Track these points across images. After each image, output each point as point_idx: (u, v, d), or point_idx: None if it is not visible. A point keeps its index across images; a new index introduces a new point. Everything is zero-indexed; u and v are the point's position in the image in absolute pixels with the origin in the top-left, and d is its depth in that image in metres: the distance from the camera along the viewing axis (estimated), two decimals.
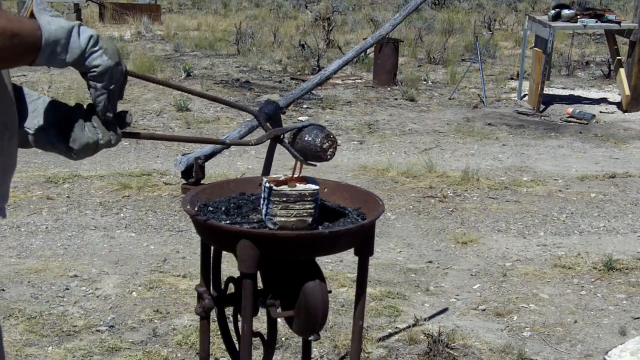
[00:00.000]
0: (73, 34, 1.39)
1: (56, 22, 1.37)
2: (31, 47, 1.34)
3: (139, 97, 9.09)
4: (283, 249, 2.01)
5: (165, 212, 5.35)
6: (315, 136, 2.05)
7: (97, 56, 1.42)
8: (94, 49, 1.42)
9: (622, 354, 2.57)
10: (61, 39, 1.37)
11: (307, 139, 2.06)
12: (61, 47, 1.38)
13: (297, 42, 12.84)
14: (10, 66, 1.40)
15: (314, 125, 2.09)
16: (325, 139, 2.05)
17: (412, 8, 3.24)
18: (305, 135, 2.07)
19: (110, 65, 1.44)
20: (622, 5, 20.09)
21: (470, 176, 6.26)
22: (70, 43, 1.38)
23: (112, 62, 1.44)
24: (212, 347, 3.21)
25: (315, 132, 2.06)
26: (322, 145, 2.04)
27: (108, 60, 1.43)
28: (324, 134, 2.06)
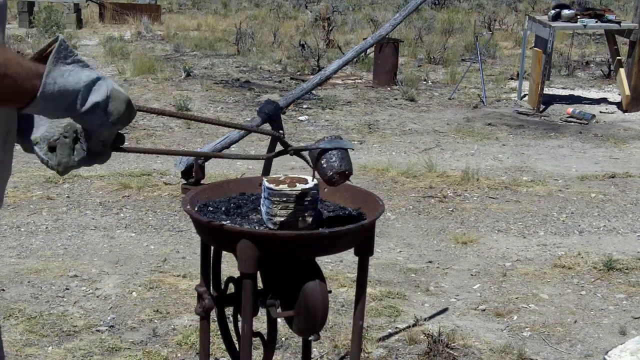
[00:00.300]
0: (79, 97, 1.30)
1: (62, 83, 1.28)
2: (21, 94, 1.25)
3: (139, 97, 9.10)
4: (283, 249, 2.01)
5: (165, 212, 5.35)
6: (330, 168, 2.04)
7: (99, 122, 1.36)
8: (97, 115, 1.34)
9: (622, 354, 2.57)
10: (62, 101, 1.29)
11: (323, 165, 2.05)
12: (61, 108, 1.30)
13: (297, 42, 12.84)
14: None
15: (337, 151, 2.07)
16: (337, 175, 2.06)
17: (412, 8, 3.24)
18: (323, 160, 2.05)
19: (110, 130, 1.39)
20: (622, 5, 20.09)
21: (470, 176, 6.26)
22: (76, 105, 1.31)
23: (113, 128, 1.39)
24: (212, 347, 3.21)
25: (331, 163, 2.05)
26: (331, 179, 2.05)
27: (111, 126, 1.38)
28: (338, 170, 2.06)
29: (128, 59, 11.14)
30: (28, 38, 12.90)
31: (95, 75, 1.33)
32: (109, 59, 11.48)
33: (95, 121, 1.36)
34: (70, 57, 1.29)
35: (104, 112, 1.35)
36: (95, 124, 1.37)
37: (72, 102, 1.30)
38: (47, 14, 13.95)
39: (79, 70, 1.30)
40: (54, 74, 1.26)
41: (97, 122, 1.36)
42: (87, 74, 1.31)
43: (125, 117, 1.40)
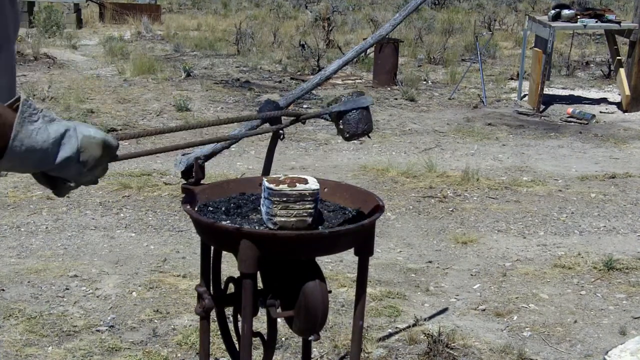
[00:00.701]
0: (49, 154, 1.28)
1: (30, 143, 1.24)
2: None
3: (139, 97, 9.10)
4: (283, 249, 2.01)
5: (165, 212, 5.35)
6: (348, 130, 2.09)
7: (74, 173, 1.34)
8: (69, 167, 1.32)
9: (622, 354, 2.57)
10: (31, 159, 1.26)
11: (341, 127, 2.10)
12: (30, 165, 1.27)
13: (297, 42, 12.83)
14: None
15: (356, 111, 2.08)
16: (356, 137, 2.11)
17: (412, 8, 3.24)
18: (341, 122, 2.09)
19: (88, 178, 1.38)
20: (622, 5, 20.09)
21: (470, 176, 6.26)
22: (46, 161, 1.29)
23: (90, 176, 1.38)
24: (212, 347, 3.21)
25: (349, 126, 2.09)
26: (350, 140, 2.12)
27: (86, 173, 1.36)
28: (356, 132, 2.09)
29: (128, 59, 11.14)
30: (28, 38, 12.89)
31: (63, 128, 1.30)
32: (108, 59, 11.48)
33: (71, 173, 1.34)
34: (35, 115, 1.26)
35: (78, 162, 1.33)
36: (71, 175, 1.35)
37: (42, 159, 1.28)
38: (47, 14, 13.95)
39: (47, 127, 1.27)
40: (21, 136, 1.24)
41: (73, 173, 1.34)
42: (55, 129, 1.28)
43: (106, 158, 1.38)
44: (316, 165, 6.69)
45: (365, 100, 2.10)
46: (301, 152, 7.11)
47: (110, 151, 1.41)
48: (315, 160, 6.84)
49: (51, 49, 11.84)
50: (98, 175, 1.42)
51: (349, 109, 2.07)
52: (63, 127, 1.30)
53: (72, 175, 1.35)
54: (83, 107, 8.36)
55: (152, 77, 10.15)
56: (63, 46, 12.47)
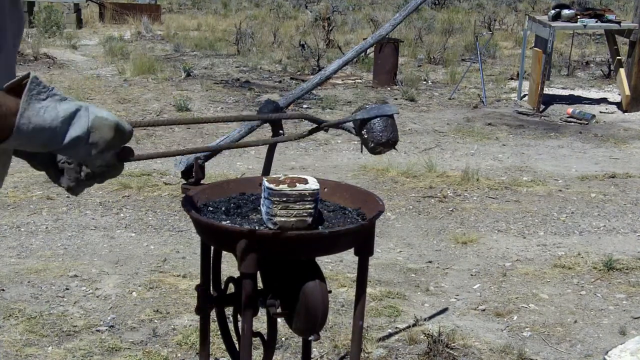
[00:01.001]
0: (58, 133, 1.25)
1: (38, 121, 1.22)
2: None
3: (139, 97, 9.10)
4: (283, 249, 2.01)
5: (165, 212, 5.35)
6: (372, 139, 2.01)
7: (84, 153, 1.31)
8: (79, 147, 1.29)
9: (622, 354, 2.57)
10: (39, 138, 1.24)
11: (365, 136, 2.02)
12: (38, 144, 1.25)
13: (297, 42, 12.84)
14: None
15: (380, 119, 2.00)
16: (380, 146, 2.02)
17: (412, 8, 3.24)
18: (364, 131, 2.01)
19: (98, 161, 1.36)
20: (622, 5, 20.09)
21: (470, 176, 6.26)
22: (54, 140, 1.26)
23: (102, 158, 1.35)
24: (212, 347, 3.21)
25: (373, 134, 2.00)
26: (374, 150, 2.03)
27: (97, 155, 1.33)
28: (380, 141, 2.00)
29: (128, 59, 11.14)
30: (28, 38, 12.89)
31: (74, 107, 1.27)
32: (109, 59, 11.48)
33: (79, 154, 1.31)
34: (44, 93, 1.24)
35: (87, 143, 1.30)
36: (80, 157, 1.33)
37: (51, 138, 1.25)
38: (47, 14, 13.95)
39: (56, 105, 1.25)
40: (28, 113, 1.21)
41: (82, 154, 1.32)
42: (64, 108, 1.26)
43: (117, 141, 1.35)
44: (316, 165, 6.69)
45: (390, 108, 2.01)
46: (301, 152, 7.11)
47: (123, 136, 1.37)
48: (315, 160, 6.84)
49: (51, 49, 11.84)
50: (108, 160, 1.38)
51: (373, 116, 1.98)
52: (74, 106, 1.28)
53: (81, 157, 1.32)
54: None
55: (152, 77, 10.15)
56: (63, 46, 12.47)
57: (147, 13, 15.93)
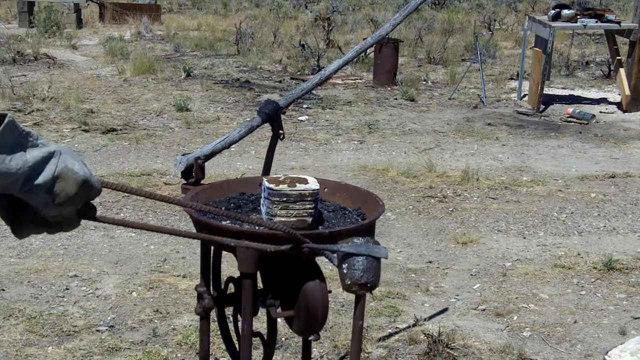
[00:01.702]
0: (20, 179, 1.21)
1: (13, 164, 1.19)
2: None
3: (139, 97, 9.10)
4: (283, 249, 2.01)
5: (165, 212, 5.35)
6: (350, 276, 1.87)
7: (43, 202, 1.25)
8: (40, 194, 1.24)
9: (622, 354, 2.56)
10: (9, 177, 1.20)
11: (344, 270, 1.88)
12: (4, 183, 1.19)
13: (297, 42, 12.84)
14: None
15: (364, 258, 1.87)
16: (356, 286, 1.88)
17: (412, 8, 3.24)
18: (345, 264, 1.88)
19: (55, 212, 1.29)
20: (622, 5, 20.08)
21: (470, 176, 6.26)
22: (16, 185, 1.22)
23: (57, 210, 1.29)
24: (212, 347, 3.21)
25: (353, 272, 1.87)
26: (349, 288, 1.89)
27: (56, 207, 1.27)
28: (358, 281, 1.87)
29: (128, 59, 11.14)
30: (28, 38, 12.90)
31: (46, 153, 1.23)
32: (108, 59, 11.48)
33: (37, 201, 1.26)
34: (18, 137, 1.20)
35: (48, 192, 1.25)
36: (38, 204, 1.27)
37: (12, 182, 1.21)
38: (47, 14, 13.94)
39: (24, 154, 1.21)
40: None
41: (41, 202, 1.27)
42: (34, 155, 1.22)
43: (80, 198, 1.30)
44: (316, 165, 6.69)
45: (379, 250, 1.88)
46: (301, 152, 7.11)
47: (89, 193, 1.31)
48: (315, 160, 6.84)
49: (51, 49, 11.84)
50: (65, 214, 1.32)
51: (359, 253, 1.86)
52: (44, 152, 1.23)
53: (37, 203, 1.27)
54: (83, 107, 8.36)
55: (152, 77, 10.15)
56: (63, 46, 12.47)
57: (147, 13, 15.92)
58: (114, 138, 7.28)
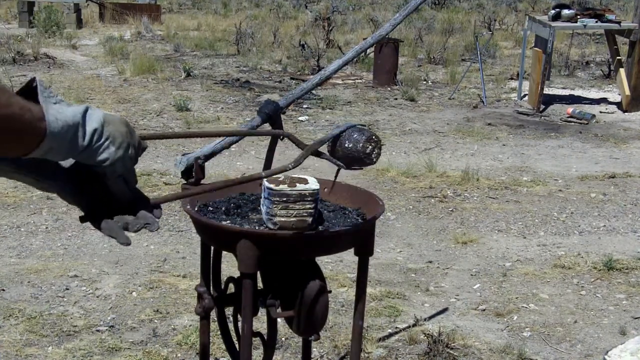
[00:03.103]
0: (79, 129, 1.23)
1: (62, 117, 1.21)
2: (26, 139, 1.17)
3: (139, 97, 9.10)
4: (283, 249, 2.01)
5: (165, 212, 5.35)
6: (356, 142, 1.89)
7: (103, 149, 1.28)
8: (99, 143, 1.27)
9: (622, 354, 2.56)
10: (67, 137, 1.21)
11: (348, 146, 1.89)
12: (66, 145, 1.22)
13: (297, 42, 12.84)
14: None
15: (351, 129, 1.93)
16: (368, 143, 1.89)
17: (412, 8, 3.24)
18: (345, 142, 1.91)
19: (120, 155, 1.32)
20: (622, 5, 20.09)
21: (470, 176, 6.26)
22: (77, 139, 1.23)
23: (122, 152, 1.32)
24: (212, 347, 3.21)
25: (355, 137, 1.90)
26: (365, 150, 1.88)
27: (116, 151, 1.30)
28: (365, 137, 1.90)
29: (128, 59, 11.14)
30: (28, 38, 12.90)
31: (83, 107, 1.26)
32: (109, 59, 11.48)
33: (102, 152, 1.28)
34: (52, 97, 1.23)
35: (106, 138, 1.28)
36: (101, 155, 1.29)
37: (74, 135, 1.23)
38: (47, 14, 13.95)
39: (67, 106, 1.24)
40: (52, 112, 1.19)
41: (105, 152, 1.29)
42: (75, 108, 1.25)
43: (130, 137, 1.34)
44: (316, 165, 6.69)
45: (355, 123, 1.95)
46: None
47: (133, 135, 1.35)
48: (315, 160, 6.82)
49: (51, 49, 11.84)
50: (126, 164, 1.36)
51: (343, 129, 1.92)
52: (83, 106, 1.27)
53: (101, 156, 1.29)
54: None
55: (152, 77, 10.15)
56: (63, 46, 12.47)
57: (147, 13, 15.92)
58: None
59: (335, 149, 1.95)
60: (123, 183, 1.39)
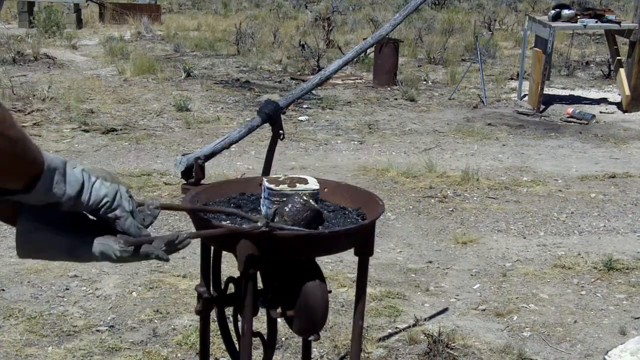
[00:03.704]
0: (68, 166, 1.25)
1: (53, 156, 1.24)
2: (31, 167, 1.19)
3: (139, 97, 9.10)
4: (283, 249, 2.01)
5: (165, 212, 5.35)
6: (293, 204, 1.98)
7: (98, 186, 1.29)
8: (92, 180, 1.28)
9: (622, 354, 2.56)
10: (59, 167, 1.23)
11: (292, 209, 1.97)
12: (59, 176, 1.24)
13: (297, 42, 12.84)
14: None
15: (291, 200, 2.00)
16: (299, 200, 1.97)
17: (412, 8, 3.24)
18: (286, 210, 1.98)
19: (116, 188, 1.31)
20: (622, 5, 20.09)
21: (470, 176, 6.26)
22: (68, 175, 1.25)
23: (116, 184, 1.31)
24: (212, 347, 3.21)
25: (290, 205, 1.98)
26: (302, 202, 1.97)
27: (111, 184, 1.30)
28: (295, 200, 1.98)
29: (128, 59, 11.14)
30: (28, 38, 12.89)
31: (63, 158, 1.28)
32: (109, 59, 11.48)
33: (99, 189, 1.29)
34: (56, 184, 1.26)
35: (96, 177, 1.29)
36: (101, 191, 1.29)
37: (65, 170, 1.25)
38: (47, 14, 13.95)
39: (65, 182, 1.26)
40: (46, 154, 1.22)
41: (102, 188, 1.29)
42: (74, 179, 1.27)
43: (114, 176, 1.34)
44: (316, 165, 6.69)
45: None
46: (301, 152, 7.11)
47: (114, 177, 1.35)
48: (315, 160, 6.84)
49: (51, 49, 11.84)
50: (129, 194, 1.35)
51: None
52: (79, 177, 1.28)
53: (104, 190, 1.30)
54: (83, 107, 8.36)
55: (152, 77, 10.15)
56: (63, 46, 12.47)
57: (147, 13, 15.92)
58: (114, 138, 7.28)
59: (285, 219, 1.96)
60: (132, 220, 1.37)
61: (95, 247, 1.35)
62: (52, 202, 1.25)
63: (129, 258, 1.39)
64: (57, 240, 1.34)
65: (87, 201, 1.28)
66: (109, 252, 1.35)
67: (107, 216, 1.32)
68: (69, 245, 1.34)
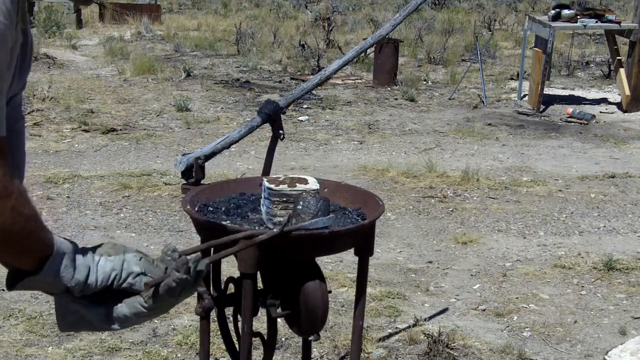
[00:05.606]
0: (77, 254, 1.27)
1: (61, 240, 1.27)
2: (41, 246, 1.23)
3: (139, 97, 9.10)
4: (283, 249, 2.01)
5: (165, 212, 5.35)
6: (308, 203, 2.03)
7: (103, 263, 1.29)
8: (96, 260, 1.29)
9: (622, 354, 2.57)
10: (68, 252, 1.26)
11: (306, 205, 2.03)
12: (68, 260, 1.25)
13: (297, 42, 12.84)
14: (9, 260, 1.25)
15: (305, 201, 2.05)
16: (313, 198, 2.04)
17: (412, 8, 3.24)
18: (300, 209, 2.03)
19: (121, 258, 1.31)
20: (622, 5, 20.09)
21: (470, 176, 6.26)
22: (77, 260, 1.27)
23: (121, 254, 1.32)
24: (212, 347, 3.20)
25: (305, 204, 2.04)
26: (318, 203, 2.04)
27: (115, 257, 1.31)
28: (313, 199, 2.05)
29: (128, 59, 11.14)
30: None
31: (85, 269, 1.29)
32: (109, 59, 11.48)
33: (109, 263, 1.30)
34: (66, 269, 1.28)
35: (102, 253, 1.30)
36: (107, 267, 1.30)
37: (74, 254, 1.27)
38: (47, 14, 13.95)
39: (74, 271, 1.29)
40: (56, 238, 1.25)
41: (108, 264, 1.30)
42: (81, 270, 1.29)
43: (119, 247, 1.35)
44: (316, 165, 6.69)
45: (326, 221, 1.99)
46: (301, 152, 7.11)
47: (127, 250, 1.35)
48: (315, 160, 6.84)
49: (51, 49, 11.84)
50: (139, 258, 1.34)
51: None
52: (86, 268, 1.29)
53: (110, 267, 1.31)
54: (83, 107, 8.36)
55: (152, 77, 10.15)
56: (63, 46, 12.47)
57: (147, 13, 15.93)
58: (114, 138, 7.28)
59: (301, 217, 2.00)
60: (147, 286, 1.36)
61: (124, 310, 1.33)
62: (60, 287, 1.26)
63: (160, 303, 1.34)
64: (89, 313, 1.33)
65: (95, 282, 1.28)
66: (137, 307, 1.33)
67: (122, 288, 1.31)
68: (100, 316, 1.33)
